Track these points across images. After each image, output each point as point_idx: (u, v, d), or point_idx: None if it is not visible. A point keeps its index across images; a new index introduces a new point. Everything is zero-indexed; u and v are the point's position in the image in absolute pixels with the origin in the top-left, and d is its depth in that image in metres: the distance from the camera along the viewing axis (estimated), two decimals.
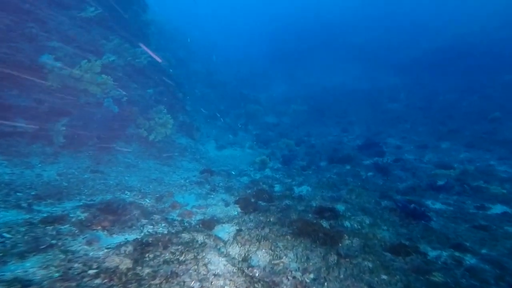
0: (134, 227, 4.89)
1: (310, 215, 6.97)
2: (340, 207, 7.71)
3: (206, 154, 12.94)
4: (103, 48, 9.98)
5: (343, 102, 27.50)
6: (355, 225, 6.46)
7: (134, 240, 4.26)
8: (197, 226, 6.01)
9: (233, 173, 11.47)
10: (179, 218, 6.49)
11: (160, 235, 4.67)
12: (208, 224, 6.20)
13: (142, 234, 4.72)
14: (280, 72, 37.15)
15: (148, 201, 6.68)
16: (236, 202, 8.18)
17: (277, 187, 10.01)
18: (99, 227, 4.50)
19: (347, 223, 6.58)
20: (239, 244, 5.18)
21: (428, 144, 15.49)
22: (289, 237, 5.47)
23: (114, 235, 4.48)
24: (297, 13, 45.13)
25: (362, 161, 13.91)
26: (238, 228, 6.00)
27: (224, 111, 23.02)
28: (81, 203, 5.31)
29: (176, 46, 26.19)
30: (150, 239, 4.39)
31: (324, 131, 21.37)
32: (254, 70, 34.76)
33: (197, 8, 50.58)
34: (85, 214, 4.75)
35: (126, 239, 4.43)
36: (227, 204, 8.12)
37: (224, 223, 6.48)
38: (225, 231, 6.10)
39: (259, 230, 5.65)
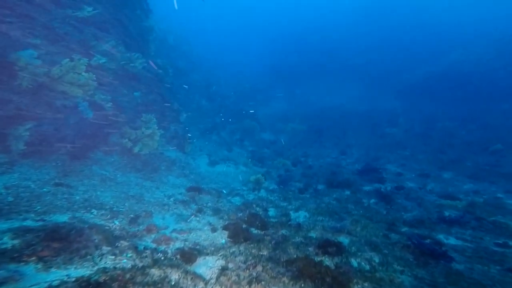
0: (87, 258, 3.82)
1: (310, 249, 5.95)
2: (344, 239, 6.72)
3: (196, 170, 11.93)
4: (94, 50, 9.24)
5: (342, 124, 27.11)
6: (364, 265, 5.47)
7: (78, 278, 3.21)
8: (174, 258, 4.93)
9: (224, 192, 10.44)
10: (153, 246, 5.40)
11: (119, 271, 3.61)
12: (187, 256, 5.12)
13: (95, 268, 3.64)
14: (280, 89, 37.10)
15: (117, 223, 5.60)
16: (224, 228, 7.12)
17: (272, 211, 9.00)
18: (33, 258, 3.42)
19: (354, 262, 5.58)
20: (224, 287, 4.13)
21: (429, 173, 14.80)
22: (286, 280, 4.44)
23: (52, 270, 3.39)
24: (300, 32, 46.06)
25: (362, 187, 13.06)
26: (224, 263, 4.94)
27: (221, 125, 22.25)
28: (18, 225, 4.22)
29: (176, 55, 25.84)
30: (104, 277, 3.33)
31: (322, 153, 20.64)
32: (254, 85, 34.55)
33: (204, 18, 51.45)
34: (16, 241, 3.67)
35: (67, 276, 3.33)
36: (214, 229, 7.05)
37: (208, 254, 5.41)
38: (208, 265, 5.03)
39: (250, 269, 4.60)
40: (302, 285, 4.31)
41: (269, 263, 4.89)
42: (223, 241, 6.38)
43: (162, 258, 4.81)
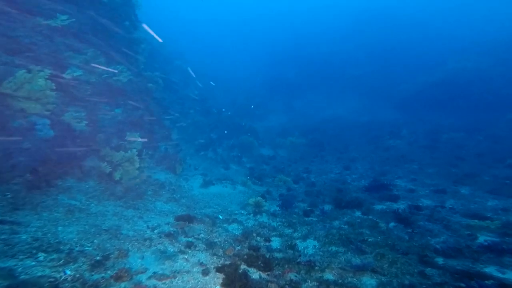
0: None
1: None
2: (370, 281, 5.36)
3: (188, 192, 10.56)
4: (68, 61, 8.20)
5: (343, 136, 26.06)
6: None
7: None
8: None
9: (221, 217, 9.06)
10: None
11: None
12: None
13: None
14: (279, 102, 36.38)
15: (69, 272, 4.22)
16: (219, 270, 5.73)
17: (275, 242, 7.60)
18: None
19: None
20: None
21: (445, 189, 13.51)
22: None
23: None
24: (296, 44, 46.13)
25: (374, 206, 11.73)
26: None
27: (217, 141, 21.07)
28: None
29: (169, 69, 25.10)
30: None
31: (325, 168, 19.38)
32: (251, 99, 33.79)
33: (199, 32, 51.67)
34: None
35: None
36: (205, 272, 5.65)
37: None
38: None
39: None
40: None
41: None
42: None
43: None
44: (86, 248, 5.24)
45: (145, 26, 8.85)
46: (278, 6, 63.11)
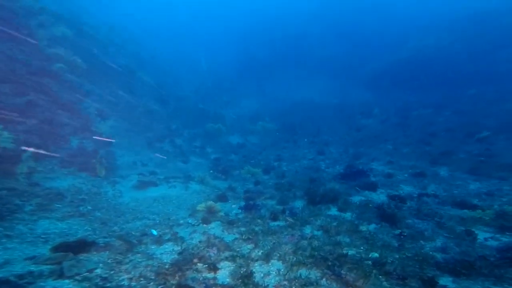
0: None
1: None
2: None
3: (112, 201, 7.70)
4: None
5: (315, 119, 24.10)
6: None
7: None
8: None
9: (154, 233, 6.42)
10: None
11: None
12: None
13: None
14: (248, 86, 33.39)
15: None
16: None
17: (224, 272, 5.17)
18: None
19: None
20: None
21: (424, 171, 11.99)
22: None
23: None
24: (264, 25, 42.60)
25: (351, 198, 9.81)
26: None
27: (176, 132, 17.99)
28: None
29: (115, 50, 20.99)
30: None
31: (297, 154, 17.29)
32: (219, 84, 30.46)
33: (157, 11, 45.96)
34: None
35: None
36: None
37: None
38: None
39: None
40: None
41: None
42: None
43: None
44: None
45: None
46: None
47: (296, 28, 41.25)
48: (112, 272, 4.47)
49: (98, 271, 4.47)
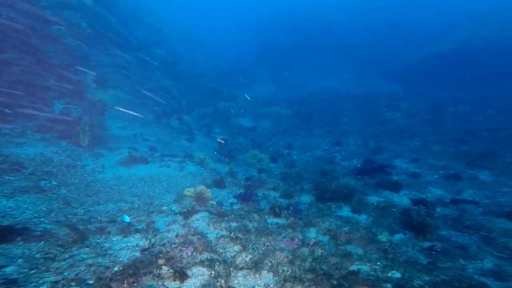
0: None
1: None
2: None
3: (87, 176, 6.59)
4: None
5: (335, 109, 21.93)
6: None
7: None
8: None
9: (127, 220, 5.31)
10: None
11: None
12: None
13: None
14: (266, 70, 31.36)
15: None
16: None
17: (189, 285, 3.88)
18: None
19: None
20: None
21: (459, 173, 9.90)
22: None
23: None
24: (288, 10, 39.43)
25: (367, 198, 8.16)
26: None
27: (186, 108, 16.86)
28: None
29: (136, 25, 19.84)
30: None
31: (311, 143, 15.57)
32: (236, 66, 28.73)
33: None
34: None
35: None
36: None
37: None
38: None
39: None
40: None
41: None
42: None
43: None
44: None
45: None
46: None
47: (324, 14, 37.74)
48: (32, 271, 3.34)
49: (9, 269, 3.30)
